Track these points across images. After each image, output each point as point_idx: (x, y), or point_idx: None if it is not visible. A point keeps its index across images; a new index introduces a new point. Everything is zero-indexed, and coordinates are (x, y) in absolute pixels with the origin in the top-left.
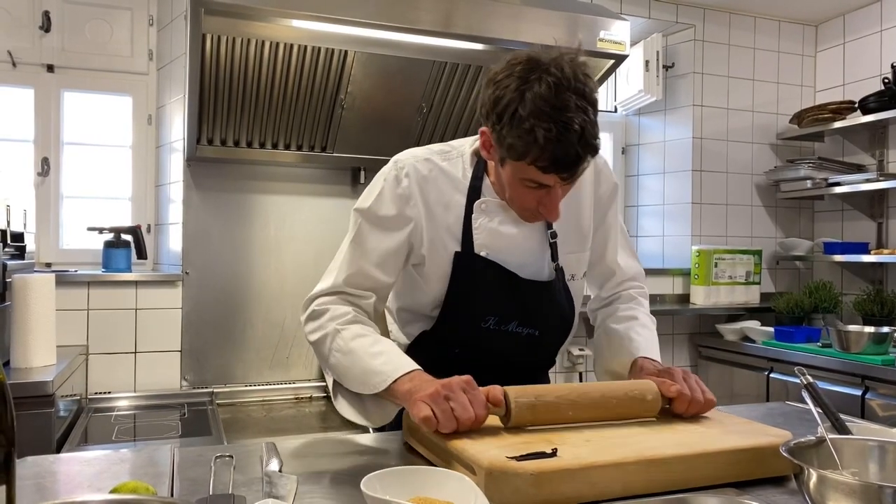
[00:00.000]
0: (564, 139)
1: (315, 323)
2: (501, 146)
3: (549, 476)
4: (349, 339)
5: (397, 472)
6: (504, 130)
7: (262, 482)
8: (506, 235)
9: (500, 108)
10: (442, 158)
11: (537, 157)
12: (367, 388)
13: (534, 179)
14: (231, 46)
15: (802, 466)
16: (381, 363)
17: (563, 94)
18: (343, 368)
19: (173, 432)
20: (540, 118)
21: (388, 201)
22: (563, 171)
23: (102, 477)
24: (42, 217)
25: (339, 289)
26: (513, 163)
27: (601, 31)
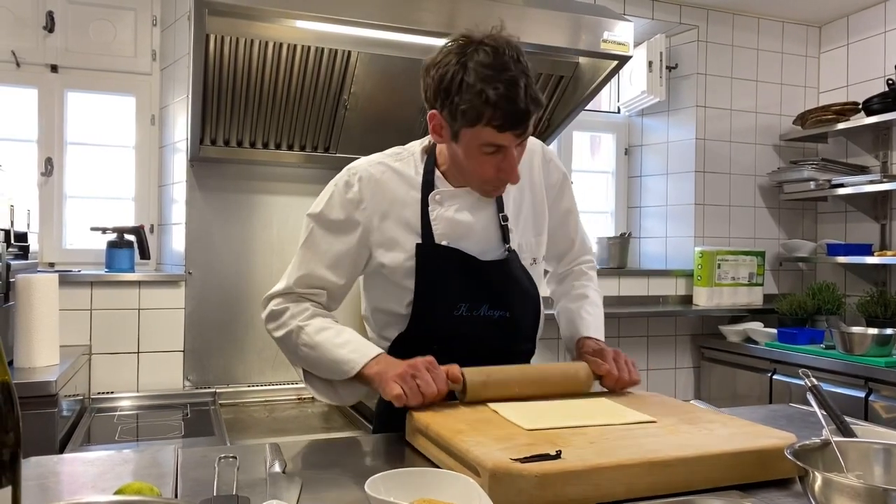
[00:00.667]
0: (513, 95)
1: (276, 322)
2: (455, 119)
3: (553, 478)
4: (313, 333)
5: (401, 474)
6: (455, 100)
7: (266, 483)
8: (462, 223)
9: (447, 82)
10: (394, 160)
11: (491, 117)
12: (337, 376)
13: (490, 142)
14: (234, 47)
15: (808, 469)
16: (348, 352)
17: (502, 57)
18: (312, 360)
19: (176, 432)
20: (487, 81)
21: (338, 206)
22: (516, 126)
23: (106, 477)
24: (45, 217)
25: (291, 290)
26: (468, 132)
27: (605, 32)
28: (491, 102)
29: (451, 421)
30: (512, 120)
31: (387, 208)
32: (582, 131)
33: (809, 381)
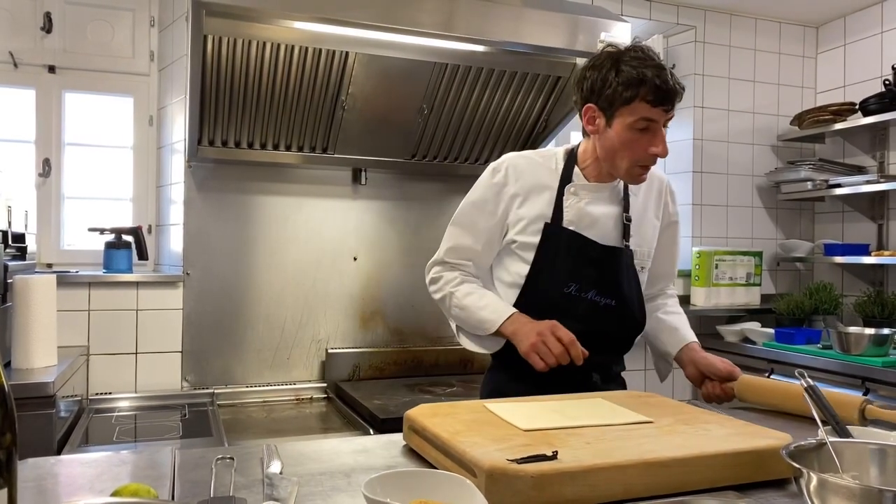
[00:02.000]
0: (664, 75)
1: (435, 286)
2: (611, 104)
3: (549, 478)
4: (461, 297)
5: (398, 475)
6: (613, 86)
7: (263, 484)
8: (590, 214)
9: (603, 74)
10: (538, 155)
11: (647, 92)
12: (482, 332)
13: (644, 117)
14: (232, 48)
15: (803, 470)
16: (489, 313)
17: (648, 52)
18: (463, 319)
19: (174, 433)
20: (641, 66)
21: (484, 187)
22: (666, 101)
23: (103, 479)
24: (43, 218)
25: (443, 259)
26: (623, 112)
27: (602, 33)
28: (646, 80)
29: (448, 422)
30: (663, 95)
31: (526, 192)
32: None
33: (805, 381)
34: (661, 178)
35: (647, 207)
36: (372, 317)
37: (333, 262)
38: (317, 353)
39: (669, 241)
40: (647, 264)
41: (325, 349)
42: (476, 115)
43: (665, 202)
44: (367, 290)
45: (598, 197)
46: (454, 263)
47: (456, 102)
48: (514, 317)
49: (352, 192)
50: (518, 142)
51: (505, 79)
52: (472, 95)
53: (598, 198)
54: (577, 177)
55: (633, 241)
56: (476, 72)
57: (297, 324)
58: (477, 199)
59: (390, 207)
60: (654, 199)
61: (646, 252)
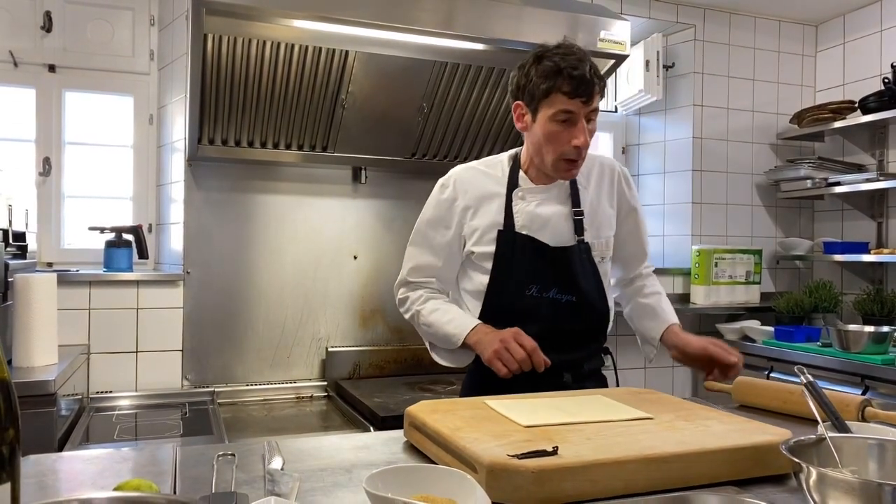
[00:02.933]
0: (580, 67)
1: (404, 307)
2: (533, 98)
3: (549, 474)
4: (427, 314)
5: (399, 470)
6: (533, 81)
7: (265, 480)
8: (540, 216)
9: (526, 70)
10: (483, 165)
11: (562, 84)
12: (449, 346)
13: (562, 109)
14: (232, 46)
15: (802, 464)
16: (453, 328)
17: (570, 47)
18: (431, 336)
19: (175, 431)
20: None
21: (435, 205)
22: (582, 92)
23: (105, 475)
24: (43, 217)
25: (406, 279)
26: (544, 106)
27: (602, 32)
28: (561, 71)
29: (449, 418)
30: (579, 86)
31: (476, 203)
32: None
33: (805, 378)
34: (612, 167)
35: (599, 198)
36: (372, 315)
37: (333, 261)
38: (317, 352)
39: (633, 227)
40: (606, 254)
41: (325, 347)
42: (476, 113)
43: (620, 190)
44: (367, 288)
45: (546, 197)
46: (418, 282)
47: (456, 101)
48: (477, 328)
49: (352, 190)
50: (518, 140)
51: (504, 77)
52: (472, 94)
53: (547, 198)
54: (522, 180)
55: (589, 234)
56: (476, 70)
57: (298, 322)
58: (431, 218)
59: (390, 206)
60: (607, 189)
61: (604, 243)
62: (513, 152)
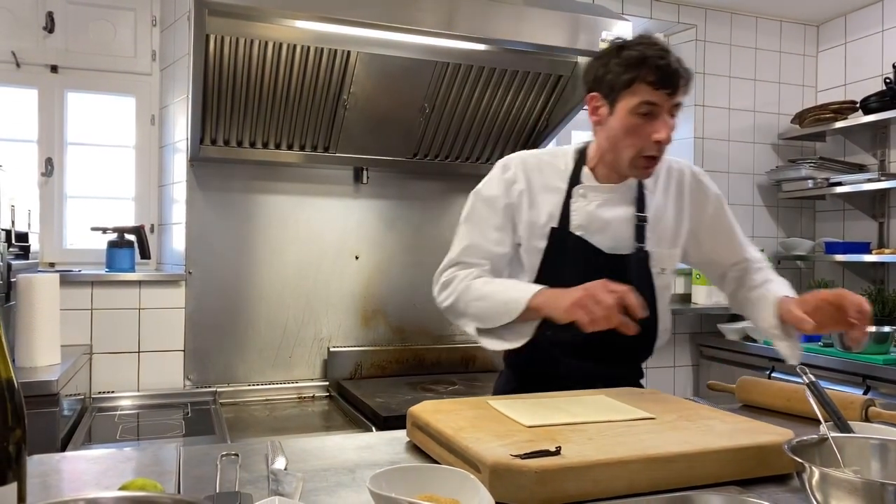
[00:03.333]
0: (667, 58)
1: (447, 291)
2: (612, 90)
3: (552, 474)
4: (481, 286)
5: (403, 470)
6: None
7: (268, 480)
8: (600, 218)
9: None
10: (548, 154)
11: (648, 73)
12: (508, 316)
13: (646, 100)
14: (234, 47)
15: (805, 464)
16: (514, 293)
17: (654, 39)
18: (483, 311)
19: (177, 431)
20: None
21: (495, 184)
22: (668, 83)
23: (108, 475)
24: (46, 217)
25: (458, 259)
26: (625, 96)
27: (603, 32)
28: (647, 60)
29: (452, 418)
30: (665, 76)
31: (535, 193)
32: (581, 130)
33: (807, 378)
34: (682, 171)
35: (666, 205)
36: (374, 315)
37: (335, 261)
38: (319, 352)
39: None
40: (668, 266)
41: (326, 348)
42: (477, 113)
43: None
44: (369, 288)
45: (609, 198)
46: (470, 262)
47: (457, 101)
48: (543, 290)
49: (353, 191)
50: (519, 140)
51: (506, 77)
52: (474, 94)
53: (610, 199)
54: (586, 177)
55: (650, 242)
56: (477, 70)
57: (299, 322)
58: (490, 196)
59: (392, 206)
60: (675, 195)
61: (665, 254)
62: (580, 146)
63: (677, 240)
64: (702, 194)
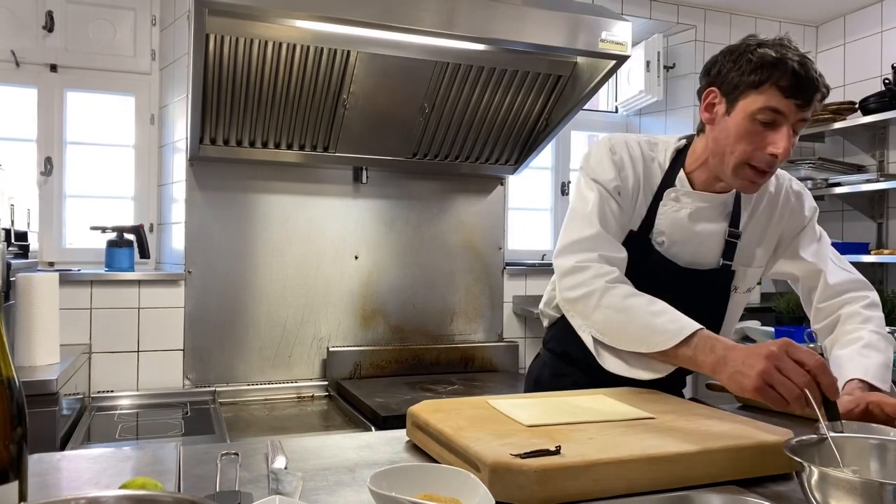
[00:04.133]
0: (806, 64)
1: (578, 278)
2: (737, 88)
3: (552, 473)
4: (623, 296)
5: (403, 470)
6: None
7: (268, 479)
8: (686, 228)
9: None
10: (648, 146)
11: (781, 77)
12: (645, 347)
13: (771, 106)
14: (234, 46)
15: (804, 464)
16: (666, 321)
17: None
18: (615, 325)
19: (176, 431)
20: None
21: (610, 167)
22: (802, 93)
23: (108, 474)
24: (45, 216)
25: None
26: (748, 97)
27: (603, 32)
28: (785, 63)
29: (452, 417)
30: (800, 84)
31: (630, 182)
32: (580, 130)
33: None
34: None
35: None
36: (373, 315)
37: (334, 261)
38: (318, 352)
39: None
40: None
41: (326, 347)
42: (477, 113)
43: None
44: (368, 288)
45: (702, 209)
46: (609, 257)
47: (457, 101)
48: (702, 333)
49: (353, 190)
50: (519, 141)
51: (506, 78)
52: (474, 94)
53: (703, 210)
54: (680, 181)
55: (737, 260)
56: (477, 71)
57: (299, 322)
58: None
59: (391, 206)
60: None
61: (749, 272)
62: (680, 143)
63: (764, 258)
64: (800, 209)
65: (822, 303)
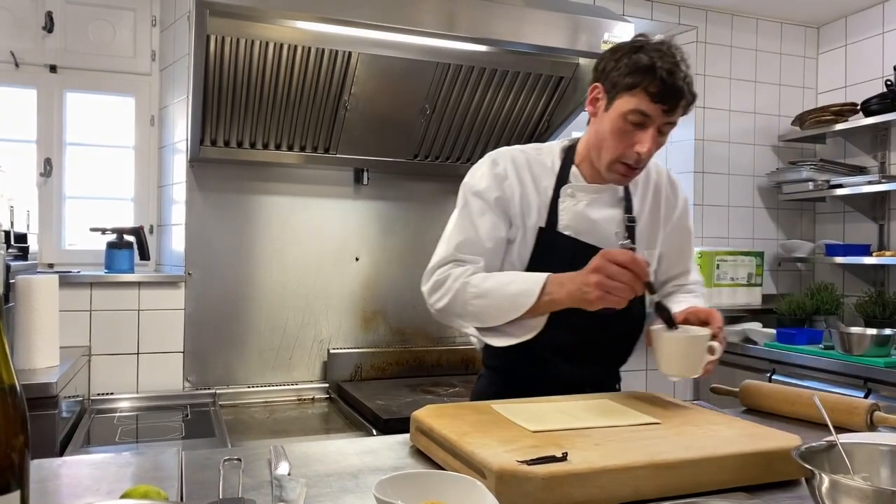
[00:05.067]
0: (675, 73)
1: (440, 291)
2: (615, 86)
3: (559, 480)
4: (480, 282)
5: (408, 476)
6: (622, 69)
7: (272, 486)
8: (588, 218)
9: (617, 56)
10: (535, 151)
11: (650, 83)
12: (515, 313)
13: (640, 109)
14: (235, 47)
15: (815, 471)
16: (519, 284)
17: (672, 49)
18: (484, 309)
19: (176, 434)
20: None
21: (488, 179)
22: (668, 99)
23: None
24: (45, 218)
25: (452, 256)
26: (622, 98)
27: (604, 34)
28: (654, 71)
29: (457, 423)
30: (666, 92)
31: (524, 189)
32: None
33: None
34: (660, 173)
35: (644, 208)
36: (374, 317)
37: (335, 263)
38: (318, 354)
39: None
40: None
41: (326, 349)
42: (478, 115)
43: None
44: (369, 290)
45: (597, 199)
46: (465, 259)
47: (458, 102)
48: (551, 279)
49: (353, 192)
50: (521, 141)
51: (507, 79)
52: (475, 95)
53: (598, 200)
54: (574, 176)
55: (639, 244)
56: (478, 72)
57: (299, 324)
58: (481, 190)
59: (392, 208)
60: (652, 198)
61: (645, 255)
62: (566, 143)
63: (655, 242)
64: (674, 198)
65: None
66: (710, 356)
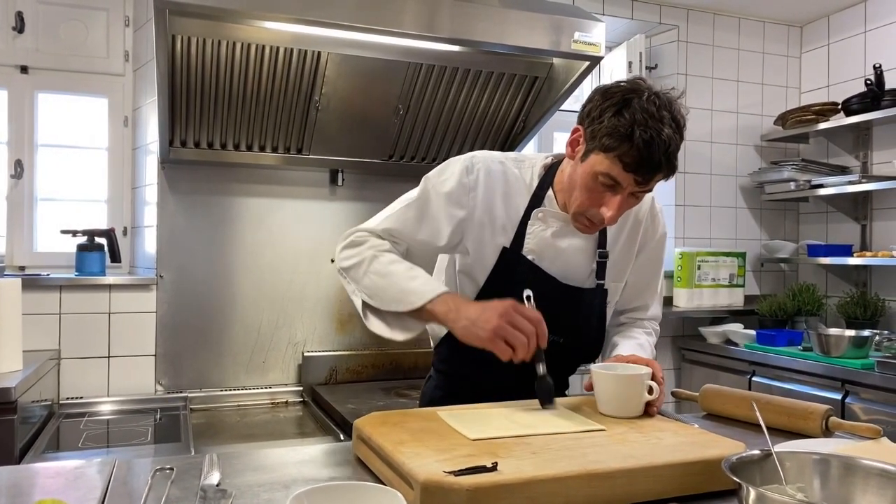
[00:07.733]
0: (654, 146)
1: (352, 250)
2: (593, 139)
3: (485, 491)
4: (387, 263)
5: (327, 489)
6: (603, 124)
7: (197, 497)
8: (555, 247)
9: (606, 105)
10: (515, 164)
11: (625, 153)
12: (400, 306)
13: (611, 175)
14: (201, 47)
15: (742, 483)
16: (419, 284)
17: (662, 111)
18: (378, 288)
19: (143, 438)
20: (640, 122)
21: (454, 182)
22: (643, 172)
23: (18, 493)
24: (15, 220)
25: (377, 232)
26: (598, 156)
27: (576, 33)
28: (632, 140)
29: (395, 431)
30: (641, 164)
31: (492, 204)
32: (563, 132)
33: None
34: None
35: (619, 238)
36: (349, 319)
37: (310, 264)
38: (293, 356)
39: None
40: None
41: (301, 352)
42: (453, 115)
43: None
44: (344, 292)
45: (568, 229)
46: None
47: (432, 103)
48: (446, 295)
49: (329, 193)
50: (497, 142)
51: (482, 79)
52: (449, 95)
53: (569, 229)
54: (549, 201)
55: (608, 278)
56: (452, 72)
57: (273, 326)
58: (443, 193)
59: (368, 209)
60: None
61: (613, 287)
62: (549, 161)
63: (623, 274)
64: (653, 230)
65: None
66: (649, 396)
